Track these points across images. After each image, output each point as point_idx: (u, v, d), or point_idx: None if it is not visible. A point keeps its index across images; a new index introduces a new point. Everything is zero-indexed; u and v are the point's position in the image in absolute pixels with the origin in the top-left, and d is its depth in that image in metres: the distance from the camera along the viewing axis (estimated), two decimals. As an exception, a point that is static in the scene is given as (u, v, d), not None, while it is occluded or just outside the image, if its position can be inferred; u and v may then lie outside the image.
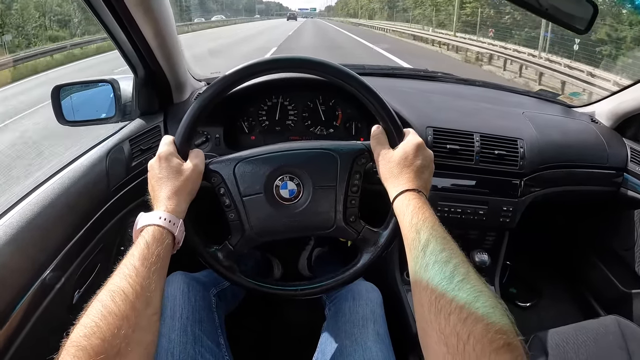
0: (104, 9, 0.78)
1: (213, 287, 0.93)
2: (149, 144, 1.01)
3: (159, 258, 0.56)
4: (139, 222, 0.61)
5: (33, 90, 7.20)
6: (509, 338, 0.42)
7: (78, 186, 0.84)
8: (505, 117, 1.18)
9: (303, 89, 1.13)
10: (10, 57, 9.61)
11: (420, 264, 0.53)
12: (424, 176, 0.67)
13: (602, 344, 0.87)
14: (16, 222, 0.71)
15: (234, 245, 0.73)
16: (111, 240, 0.94)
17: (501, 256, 1.18)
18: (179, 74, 1.04)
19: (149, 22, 0.83)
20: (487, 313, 0.44)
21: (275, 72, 0.72)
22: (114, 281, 0.52)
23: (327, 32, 27.26)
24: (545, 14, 0.93)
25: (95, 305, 0.48)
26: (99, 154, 0.91)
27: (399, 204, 0.64)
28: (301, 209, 0.72)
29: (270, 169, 0.72)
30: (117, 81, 1.02)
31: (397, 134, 0.70)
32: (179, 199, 0.65)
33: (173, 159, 0.67)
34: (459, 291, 0.47)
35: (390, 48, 13.42)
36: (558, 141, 1.15)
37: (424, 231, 0.57)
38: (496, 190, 1.07)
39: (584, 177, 1.18)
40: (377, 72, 1.44)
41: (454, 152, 1.03)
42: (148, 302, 0.52)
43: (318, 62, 0.69)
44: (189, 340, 0.76)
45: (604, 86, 6.18)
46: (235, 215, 0.72)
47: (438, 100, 1.23)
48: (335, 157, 0.72)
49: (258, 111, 1.14)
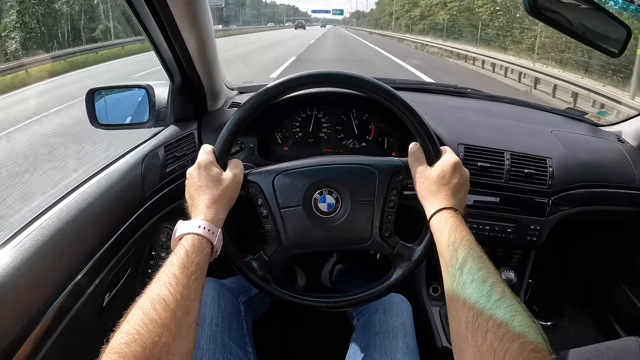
0: (150, 18, 0.79)
1: (242, 294, 0.93)
2: (183, 150, 1.02)
3: (198, 267, 0.56)
4: (178, 230, 0.61)
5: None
6: (543, 356, 0.43)
7: (114, 190, 0.85)
8: (534, 136, 1.17)
9: (337, 102, 1.14)
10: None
11: (458, 282, 0.54)
12: (460, 195, 0.67)
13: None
14: (53, 223, 0.71)
15: (269, 256, 0.73)
16: (142, 245, 0.95)
17: (527, 274, 1.17)
18: (216, 82, 1.06)
19: (193, 33, 0.84)
20: (524, 332, 0.45)
21: (315, 86, 0.72)
22: (154, 289, 0.52)
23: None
24: (580, 37, 0.94)
25: (136, 313, 0.49)
26: (135, 159, 0.92)
27: (436, 222, 0.64)
28: (338, 223, 0.73)
29: (310, 182, 0.73)
30: (152, 87, 1.03)
31: (434, 152, 0.70)
32: (217, 208, 0.65)
33: (212, 168, 0.68)
34: (496, 310, 0.47)
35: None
36: (585, 160, 1.15)
37: (462, 250, 0.57)
38: (524, 209, 1.06)
39: (610, 197, 1.17)
40: (408, 86, 1.44)
41: (484, 170, 1.03)
42: (188, 310, 0.52)
43: (357, 78, 0.70)
44: (218, 347, 0.76)
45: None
46: (272, 226, 0.72)
47: (469, 117, 1.23)
48: (374, 172, 0.73)
49: (292, 122, 1.15)
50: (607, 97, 6.52)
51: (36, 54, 11.50)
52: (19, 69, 8.67)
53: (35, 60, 9.69)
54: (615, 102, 6.35)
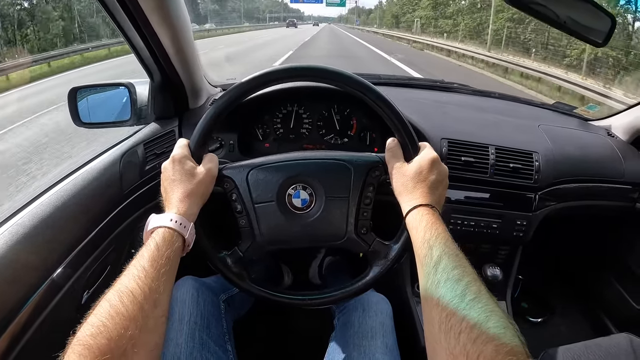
0: (122, 14, 0.79)
1: (222, 293, 0.92)
2: (163, 148, 1.02)
3: (168, 260, 0.56)
4: (150, 223, 0.61)
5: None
6: (519, 359, 0.41)
7: (91, 188, 0.84)
8: (521, 130, 1.16)
9: (318, 98, 1.13)
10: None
11: (432, 280, 0.53)
12: (437, 191, 0.67)
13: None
14: (28, 221, 0.71)
15: (244, 252, 0.72)
16: (122, 243, 0.94)
17: (514, 271, 1.16)
18: (195, 79, 1.05)
19: (166, 28, 0.83)
20: (499, 334, 0.43)
21: (291, 80, 0.71)
22: (123, 282, 0.52)
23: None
24: (563, 27, 0.93)
25: (103, 305, 0.48)
26: (113, 156, 0.92)
27: (411, 219, 0.63)
28: (312, 219, 0.72)
29: (283, 177, 0.72)
30: (133, 85, 1.03)
31: (412, 148, 0.69)
32: (190, 202, 0.65)
33: (187, 162, 0.67)
34: (470, 310, 0.46)
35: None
36: (574, 155, 1.14)
37: (437, 248, 0.56)
38: (510, 204, 1.05)
39: (599, 191, 1.16)
40: (393, 82, 1.43)
41: (468, 165, 1.02)
42: (156, 303, 0.51)
43: (334, 72, 0.69)
44: (196, 346, 0.76)
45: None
46: (246, 222, 0.72)
47: (453, 111, 1.22)
48: (349, 168, 0.72)
49: (273, 119, 1.15)
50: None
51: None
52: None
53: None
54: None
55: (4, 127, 5.43)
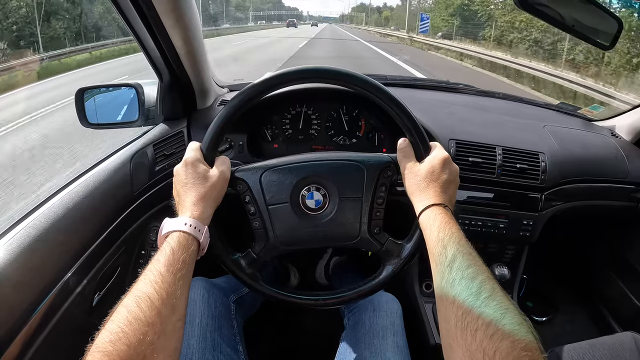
0: (134, 15, 0.79)
1: (232, 294, 0.93)
2: (172, 149, 1.02)
3: (184, 264, 0.56)
4: (164, 227, 0.61)
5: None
6: (534, 355, 0.42)
7: (102, 189, 0.84)
8: (527, 130, 1.17)
9: (327, 99, 1.13)
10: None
11: (447, 279, 0.53)
12: (449, 191, 0.67)
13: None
14: (40, 223, 0.71)
15: (257, 253, 0.72)
16: (132, 244, 0.94)
17: (520, 270, 1.17)
18: (204, 80, 1.05)
19: (179, 30, 0.83)
20: (514, 330, 0.44)
21: (302, 82, 0.71)
22: (139, 287, 0.51)
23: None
24: (570, 30, 0.93)
25: (121, 311, 0.48)
26: (123, 157, 0.92)
27: (425, 219, 0.63)
28: (326, 220, 0.72)
29: (297, 178, 0.72)
30: (141, 86, 1.03)
31: (423, 148, 0.70)
32: (204, 206, 0.64)
33: (199, 165, 0.67)
34: (486, 308, 0.47)
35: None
36: (579, 155, 1.14)
37: (451, 247, 0.56)
38: (517, 204, 1.06)
39: (603, 191, 1.17)
40: (399, 82, 1.44)
41: (476, 165, 1.03)
42: (173, 308, 0.51)
43: (346, 74, 0.69)
44: (208, 347, 0.76)
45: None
46: (260, 224, 0.72)
47: (460, 112, 1.22)
48: (362, 168, 0.72)
49: (282, 120, 1.15)
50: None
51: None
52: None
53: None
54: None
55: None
